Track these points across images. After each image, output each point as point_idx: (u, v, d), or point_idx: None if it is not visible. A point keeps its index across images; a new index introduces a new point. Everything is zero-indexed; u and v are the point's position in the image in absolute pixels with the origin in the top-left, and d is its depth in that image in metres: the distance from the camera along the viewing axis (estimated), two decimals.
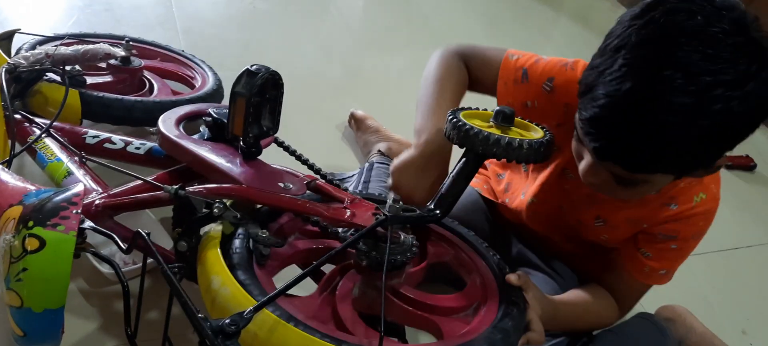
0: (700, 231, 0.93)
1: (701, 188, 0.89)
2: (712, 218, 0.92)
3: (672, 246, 0.93)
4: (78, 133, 1.06)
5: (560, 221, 1.04)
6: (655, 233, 0.92)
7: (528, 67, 0.95)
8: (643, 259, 0.95)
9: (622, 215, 0.94)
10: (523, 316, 0.82)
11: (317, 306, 0.78)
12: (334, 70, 1.83)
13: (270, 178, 0.89)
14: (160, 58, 1.43)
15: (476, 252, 0.94)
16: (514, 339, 0.78)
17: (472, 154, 0.84)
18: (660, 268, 0.95)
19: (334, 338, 0.69)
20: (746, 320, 1.27)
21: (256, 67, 0.87)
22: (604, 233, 0.98)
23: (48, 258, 0.67)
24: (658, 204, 0.90)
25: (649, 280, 0.97)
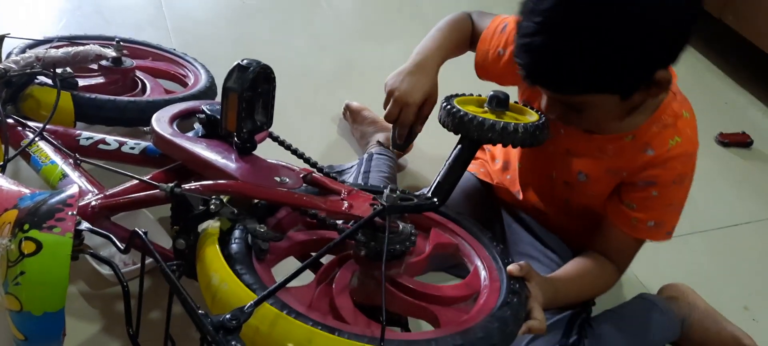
0: (681, 176, 0.94)
1: (675, 132, 0.92)
2: (690, 162, 0.94)
3: (653, 193, 0.94)
4: (72, 135, 1.06)
5: (551, 189, 1.06)
6: (635, 182, 0.95)
7: (510, 21, 1.02)
8: (628, 211, 0.96)
9: (601, 167, 0.97)
10: (523, 305, 0.81)
11: (315, 297, 0.78)
12: (327, 63, 1.82)
13: (266, 172, 0.89)
14: (152, 57, 1.42)
15: (479, 242, 0.93)
16: (512, 328, 0.77)
17: (468, 141, 0.84)
18: (647, 219, 0.96)
19: (335, 329, 0.69)
20: (748, 296, 1.28)
21: (247, 61, 0.86)
22: (589, 188, 1.00)
23: (45, 261, 0.67)
24: (635, 151, 0.93)
25: (639, 233, 0.98)
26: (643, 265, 1.29)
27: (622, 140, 0.94)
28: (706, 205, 1.52)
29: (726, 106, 1.95)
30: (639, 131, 0.93)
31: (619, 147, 0.95)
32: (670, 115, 0.93)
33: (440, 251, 0.93)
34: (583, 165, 0.99)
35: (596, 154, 0.97)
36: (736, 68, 2.11)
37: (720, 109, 1.92)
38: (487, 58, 1.04)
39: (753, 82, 2.06)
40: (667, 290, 1.17)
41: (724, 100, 1.97)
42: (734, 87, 2.04)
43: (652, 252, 1.33)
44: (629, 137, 0.94)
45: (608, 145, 0.96)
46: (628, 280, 1.26)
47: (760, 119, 1.91)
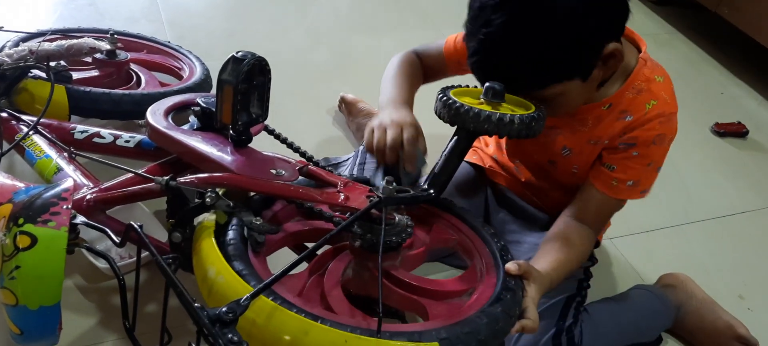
0: (660, 136, 0.95)
1: (650, 96, 0.95)
2: (669, 122, 0.96)
3: (633, 153, 0.96)
4: (66, 129, 1.05)
5: (537, 166, 1.09)
6: (615, 145, 0.97)
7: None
8: (609, 172, 0.98)
9: (583, 139, 0.99)
10: (516, 303, 0.80)
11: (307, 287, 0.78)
12: (322, 55, 1.81)
13: (261, 165, 0.88)
14: (146, 50, 1.41)
15: (480, 237, 0.92)
16: (502, 325, 0.75)
17: (464, 132, 0.84)
18: (626, 179, 0.97)
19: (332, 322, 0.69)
20: (743, 285, 1.28)
21: (242, 53, 0.86)
22: (573, 162, 1.02)
23: (40, 255, 0.67)
24: (613, 119, 0.96)
25: (619, 193, 0.99)
26: (639, 256, 1.30)
27: (600, 109, 0.97)
28: (702, 195, 1.52)
29: (722, 96, 1.95)
30: (614, 99, 0.96)
31: (597, 116, 0.97)
32: (642, 80, 0.95)
33: (440, 246, 0.93)
34: (566, 140, 1.01)
35: (577, 126, 0.99)
36: (731, 59, 2.11)
37: (716, 99, 1.93)
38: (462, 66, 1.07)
39: (748, 72, 2.06)
40: (665, 279, 1.18)
41: (720, 91, 1.97)
42: (730, 77, 2.04)
43: (648, 243, 1.34)
44: (606, 106, 0.96)
45: (587, 116, 0.98)
46: (624, 271, 1.27)
47: (756, 109, 1.92)
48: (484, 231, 0.93)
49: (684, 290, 1.14)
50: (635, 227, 1.37)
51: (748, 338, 1.07)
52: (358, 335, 0.67)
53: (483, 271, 0.86)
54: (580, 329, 0.96)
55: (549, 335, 0.94)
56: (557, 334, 0.94)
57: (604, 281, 1.22)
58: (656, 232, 1.39)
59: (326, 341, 0.67)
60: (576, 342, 0.95)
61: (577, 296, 1.00)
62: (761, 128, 1.80)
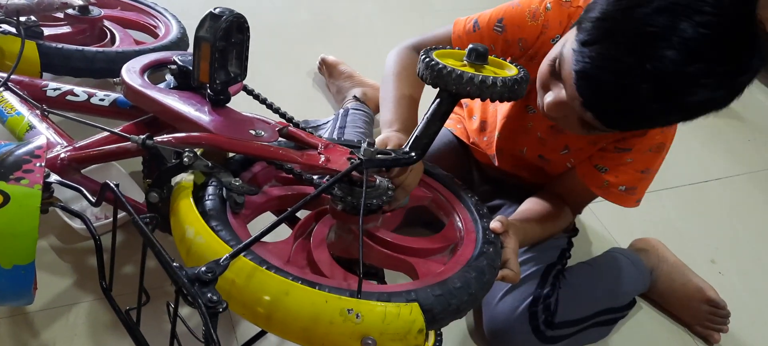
0: (659, 144, 0.95)
1: None
2: (670, 131, 0.95)
3: (628, 159, 0.95)
4: (38, 85, 1.02)
5: (525, 161, 1.07)
6: (609, 148, 0.96)
7: (478, 18, 0.98)
8: (600, 174, 0.97)
9: (584, 138, 0.98)
10: (498, 254, 0.83)
11: (292, 252, 0.78)
12: (302, 15, 1.78)
13: (240, 125, 0.87)
14: (120, 7, 1.37)
15: (453, 193, 0.94)
16: (489, 277, 0.79)
17: (446, 94, 0.83)
18: (619, 183, 0.97)
19: (312, 282, 0.69)
20: (715, 250, 1.31)
21: (220, 10, 0.84)
22: (571, 157, 1.01)
23: (13, 213, 0.66)
24: None
25: (609, 196, 0.98)
26: (615, 220, 1.32)
27: None
28: (678, 161, 1.54)
29: None
30: None
31: None
32: None
33: (415, 203, 0.93)
34: (569, 140, 0.99)
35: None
36: None
37: None
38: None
39: None
40: (638, 243, 1.20)
41: None
42: None
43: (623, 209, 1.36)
44: None
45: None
46: (600, 234, 1.29)
47: None
48: (457, 187, 0.94)
49: (656, 254, 1.16)
50: None
51: (717, 301, 1.09)
52: (339, 295, 0.67)
53: (461, 226, 0.87)
54: (557, 298, 0.97)
55: (527, 302, 0.95)
56: (535, 301, 0.96)
57: (580, 244, 1.24)
58: None
59: (306, 301, 0.67)
60: (551, 309, 0.96)
61: (557, 264, 1.01)
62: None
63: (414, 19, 1.87)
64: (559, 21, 0.92)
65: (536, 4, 0.93)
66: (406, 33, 1.77)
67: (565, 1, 0.92)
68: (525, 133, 1.03)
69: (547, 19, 0.92)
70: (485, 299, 0.97)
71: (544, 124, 1.00)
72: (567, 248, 1.06)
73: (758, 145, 1.67)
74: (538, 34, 0.93)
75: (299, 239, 0.81)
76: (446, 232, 0.89)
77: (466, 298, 0.74)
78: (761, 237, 1.38)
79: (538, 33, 0.93)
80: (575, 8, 0.91)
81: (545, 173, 1.07)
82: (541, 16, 0.92)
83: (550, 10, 0.92)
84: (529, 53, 0.95)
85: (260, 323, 0.69)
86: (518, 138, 1.05)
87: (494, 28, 0.96)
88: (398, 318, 0.68)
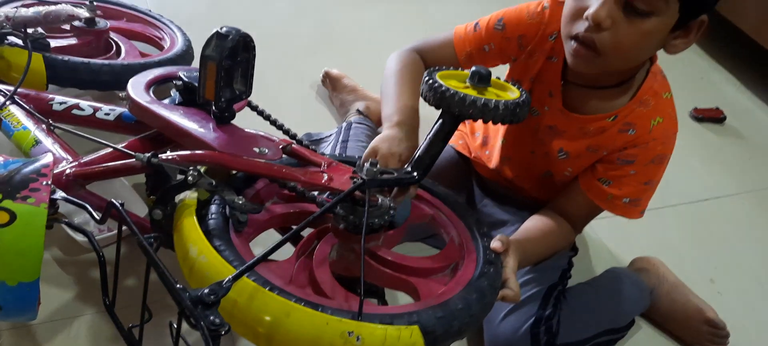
0: (660, 155, 0.96)
1: (657, 112, 0.94)
2: (670, 143, 0.96)
3: (631, 172, 0.96)
4: (44, 99, 1.03)
5: (530, 165, 1.07)
6: (613, 159, 0.97)
7: (478, 21, 1.03)
8: (604, 187, 0.98)
9: (582, 144, 0.98)
10: (499, 274, 0.83)
11: (294, 271, 0.79)
12: (306, 28, 1.79)
13: (244, 143, 0.88)
14: (127, 18, 1.38)
15: (455, 212, 0.94)
16: (490, 298, 0.79)
17: (449, 116, 0.84)
18: (622, 195, 0.98)
19: (314, 303, 0.69)
20: (714, 269, 1.31)
21: (227, 29, 0.85)
22: (569, 165, 1.02)
23: (19, 231, 0.66)
24: (616, 131, 0.95)
25: (614, 209, 0.99)
26: (615, 237, 1.33)
27: (604, 121, 0.96)
28: (678, 179, 1.55)
29: (702, 81, 1.98)
30: (621, 112, 0.95)
31: (600, 127, 0.96)
32: (651, 95, 0.94)
33: (416, 222, 0.94)
34: (564, 143, 1.01)
35: (577, 133, 0.99)
36: (712, 44, 2.13)
37: (696, 84, 1.95)
38: (473, 57, 1.03)
39: (729, 58, 2.08)
40: (638, 263, 1.20)
41: (700, 76, 1.99)
42: (710, 63, 2.07)
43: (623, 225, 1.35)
44: (611, 118, 0.95)
45: (590, 126, 0.97)
46: (600, 253, 1.29)
47: (734, 95, 1.94)
48: (458, 205, 0.95)
49: (656, 273, 1.16)
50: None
51: (716, 322, 1.10)
52: (340, 317, 0.68)
53: (462, 245, 0.88)
54: (558, 318, 0.98)
55: (529, 323, 0.96)
56: (537, 322, 0.96)
57: (580, 261, 1.24)
58: None
59: (308, 323, 0.68)
60: (553, 331, 0.97)
61: (558, 285, 1.02)
62: (738, 115, 1.83)
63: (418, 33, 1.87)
64: (557, 18, 0.95)
65: (535, 5, 0.99)
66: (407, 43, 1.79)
67: (561, 2, 0.95)
68: (528, 134, 1.04)
69: (545, 16, 0.97)
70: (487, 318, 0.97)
71: (544, 124, 1.01)
72: (568, 269, 1.07)
73: (758, 165, 1.68)
74: (536, 30, 0.98)
75: (301, 257, 0.82)
76: (447, 251, 0.89)
77: (467, 319, 0.74)
78: (761, 257, 1.38)
79: (536, 29, 0.98)
80: None
81: (548, 184, 1.08)
82: (539, 15, 0.98)
83: (548, 8, 0.97)
84: (527, 50, 0.99)
85: (261, 344, 0.70)
86: (525, 141, 1.06)
87: (495, 27, 1.01)
88: (398, 341, 0.68)
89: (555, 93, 0.99)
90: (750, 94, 1.95)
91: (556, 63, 0.98)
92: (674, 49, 0.88)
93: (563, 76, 0.98)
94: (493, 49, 1.01)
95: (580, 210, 1.03)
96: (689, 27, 0.85)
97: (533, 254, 0.97)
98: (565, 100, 0.99)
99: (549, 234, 1.00)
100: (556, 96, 0.99)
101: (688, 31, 0.86)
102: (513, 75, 1.04)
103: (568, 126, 0.99)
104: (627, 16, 0.83)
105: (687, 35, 0.87)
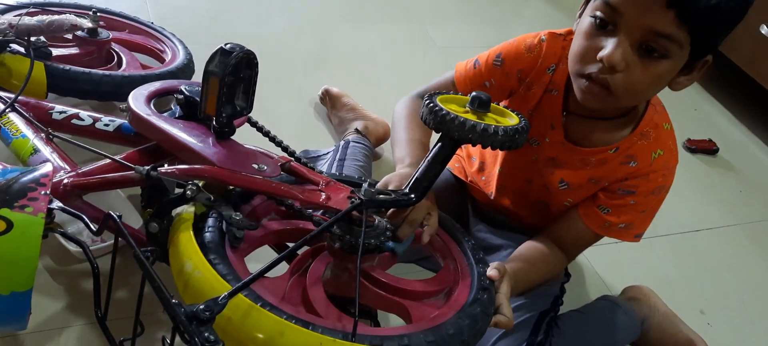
0: (660, 186, 0.97)
1: (658, 145, 0.95)
2: (671, 174, 0.98)
3: (631, 202, 0.97)
4: (44, 108, 1.03)
5: (527, 193, 1.08)
6: (614, 189, 0.98)
7: (477, 57, 1.04)
8: (602, 215, 0.99)
9: (584, 176, 0.99)
10: (492, 302, 0.83)
11: (288, 288, 0.79)
12: (305, 44, 1.80)
13: (243, 159, 0.88)
14: (129, 30, 1.39)
15: (451, 236, 0.95)
16: (482, 325, 0.79)
17: (448, 140, 0.85)
18: (619, 222, 0.99)
19: (307, 322, 0.69)
20: (704, 301, 1.32)
21: (231, 45, 0.85)
22: (569, 196, 1.02)
23: (15, 240, 0.66)
24: (618, 163, 0.96)
25: (610, 233, 1.00)
26: (607, 266, 1.33)
27: (606, 153, 0.97)
28: (670, 209, 1.55)
29: (695, 112, 2.00)
30: (622, 144, 0.96)
31: (602, 159, 0.97)
32: (652, 127, 0.96)
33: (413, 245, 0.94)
34: (565, 174, 1.01)
35: (578, 165, 0.99)
36: (707, 77, 2.16)
37: (689, 115, 1.97)
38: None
39: (723, 91, 2.11)
40: (630, 292, 1.21)
41: (694, 107, 2.02)
42: (703, 94, 2.09)
43: (615, 255, 1.37)
44: (613, 150, 0.96)
45: (591, 158, 0.98)
46: (592, 280, 1.30)
47: (727, 127, 1.97)
48: (455, 230, 0.95)
49: (647, 303, 1.17)
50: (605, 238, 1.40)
51: None
52: (333, 337, 0.68)
53: (457, 270, 0.88)
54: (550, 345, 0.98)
55: None
56: None
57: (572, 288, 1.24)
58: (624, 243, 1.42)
59: (301, 342, 0.68)
60: None
61: (550, 311, 1.02)
62: (730, 147, 1.85)
63: (416, 52, 1.89)
64: (554, 51, 0.97)
65: (531, 39, 0.99)
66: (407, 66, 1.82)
67: (559, 34, 0.97)
68: (527, 165, 1.05)
69: (542, 49, 0.98)
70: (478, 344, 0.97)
71: (543, 156, 1.02)
72: (560, 295, 1.07)
73: (749, 197, 1.69)
74: (534, 63, 0.98)
75: (295, 274, 0.82)
76: (442, 275, 0.90)
77: (458, 345, 0.74)
78: (750, 289, 1.39)
79: (534, 62, 0.98)
80: (568, 40, 0.94)
81: (544, 211, 1.08)
82: (536, 48, 0.98)
83: (545, 41, 0.98)
84: (526, 82, 1.00)
85: None
86: (522, 170, 1.06)
87: (493, 63, 1.02)
88: None
89: (557, 125, 0.99)
90: (743, 127, 1.98)
91: (556, 96, 0.98)
92: (678, 87, 0.89)
93: (565, 107, 0.99)
94: (494, 84, 1.02)
95: (577, 239, 1.04)
96: (694, 66, 0.87)
97: (525, 283, 0.98)
98: (566, 133, 0.99)
99: (541, 262, 1.01)
100: (558, 128, 0.99)
101: (692, 69, 0.87)
102: (512, 107, 1.04)
103: (570, 158, 1.00)
104: (641, 58, 0.83)
105: (691, 73, 0.88)
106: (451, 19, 2.09)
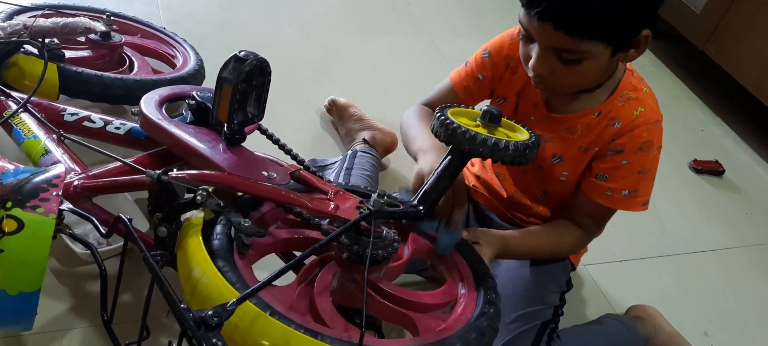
0: (647, 143, 0.98)
1: (638, 103, 0.98)
2: (655, 129, 0.99)
3: (622, 162, 0.99)
4: (56, 109, 1.04)
5: (523, 183, 1.11)
6: (604, 153, 1.00)
7: (467, 59, 1.12)
8: (602, 183, 1.00)
9: (573, 145, 1.01)
10: (499, 315, 0.83)
11: (295, 297, 0.78)
12: (314, 53, 1.81)
13: (253, 166, 0.88)
14: (141, 34, 1.40)
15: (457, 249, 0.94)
16: (488, 339, 0.79)
17: (458, 153, 0.85)
18: (620, 188, 1.00)
19: (314, 332, 0.69)
20: (708, 322, 1.32)
21: (245, 53, 0.86)
22: (563, 169, 1.04)
23: (26, 240, 0.66)
24: (603, 127, 0.99)
25: (616, 204, 1.01)
26: (611, 285, 1.33)
27: (589, 117, 0.99)
28: (675, 229, 1.56)
29: (702, 133, 2.00)
30: (603, 107, 0.98)
31: (587, 124, 1.00)
32: (630, 89, 0.98)
33: (418, 256, 0.94)
34: (555, 148, 1.03)
35: (566, 134, 1.02)
36: (713, 97, 2.16)
37: (696, 136, 1.97)
38: (471, 90, 1.11)
39: (728, 112, 2.11)
40: (635, 311, 1.20)
41: (700, 128, 2.02)
42: (710, 115, 2.09)
43: (621, 271, 1.37)
44: (595, 114, 0.99)
45: (576, 124, 1.00)
46: (596, 299, 1.29)
47: (733, 149, 1.96)
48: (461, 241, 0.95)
49: (652, 322, 1.16)
50: (609, 256, 1.40)
51: None
52: None
53: (462, 283, 0.88)
54: None
55: None
56: None
57: (575, 305, 1.24)
58: (629, 262, 1.42)
59: None
60: None
61: (551, 322, 1.02)
62: (737, 169, 1.85)
63: (424, 65, 1.90)
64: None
65: (514, 30, 1.05)
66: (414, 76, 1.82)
67: None
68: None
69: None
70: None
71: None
72: (560, 305, 1.07)
73: (755, 220, 1.69)
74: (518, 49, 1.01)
75: (302, 283, 0.82)
76: (447, 288, 0.89)
77: None
78: (755, 312, 1.39)
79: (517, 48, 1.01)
80: None
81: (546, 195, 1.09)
82: (518, 36, 1.01)
83: None
84: (511, 67, 1.06)
85: None
86: None
87: (482, 57, 1.09)
88: None
89: (538, 103, 1.03)
90: (749, 149, 1.97)
91: None
92: (628, 59, 0.93)
93: None
94: (486, 76, 1.09)
95: (587, 212, 1.05)
96: (638, 41, 0.89)
97: (518, 246, 1.01)
98: (548, 106, 1.03)
99: (541, 233, 1.05)
100: (540, 106, 1.03)
101: (630, 47, 0.90)
102: (500, 93, 1.08)
103: (556, 129, 1.02)
104: (564, 64, 0.88)
105: (631, 49, 0.90)
106: (460, 34, 2.10)
